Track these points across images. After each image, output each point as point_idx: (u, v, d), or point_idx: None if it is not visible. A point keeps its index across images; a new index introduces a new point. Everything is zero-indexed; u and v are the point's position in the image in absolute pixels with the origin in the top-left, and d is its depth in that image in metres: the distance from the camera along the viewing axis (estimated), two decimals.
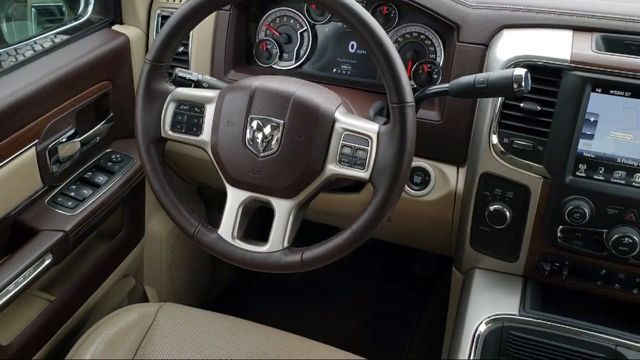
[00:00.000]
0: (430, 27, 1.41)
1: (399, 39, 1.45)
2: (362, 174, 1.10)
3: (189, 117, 1.20)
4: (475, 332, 1.24)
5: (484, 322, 1.25)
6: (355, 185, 1.44)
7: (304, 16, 1.52)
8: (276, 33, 1.55)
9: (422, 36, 1.44)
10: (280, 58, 1.56)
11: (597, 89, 1.14)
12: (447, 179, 1.38)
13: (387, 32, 1.44)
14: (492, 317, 1.26)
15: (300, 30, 1.53)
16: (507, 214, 1.27)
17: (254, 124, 1.13)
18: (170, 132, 1.21)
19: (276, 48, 1.55)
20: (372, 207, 1.09)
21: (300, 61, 1.54)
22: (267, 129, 1.12)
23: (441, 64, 1.41)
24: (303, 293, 2.29)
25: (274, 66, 1.56)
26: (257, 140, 1.13)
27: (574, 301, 1.34)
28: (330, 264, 1.14)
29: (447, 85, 1.17)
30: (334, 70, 1.53)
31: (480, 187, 1.29)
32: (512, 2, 1.31)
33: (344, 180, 1.19)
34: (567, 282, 1.30)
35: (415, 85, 1.43)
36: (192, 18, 1.14)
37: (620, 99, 1.14)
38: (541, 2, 1.30)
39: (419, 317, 2.15)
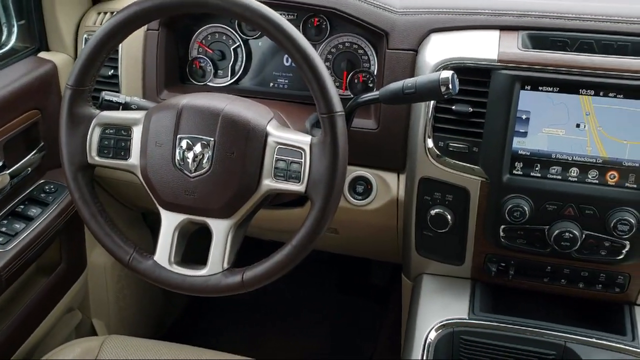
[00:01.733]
0: (362, 36, 1.41)
1: (332, 50, 1.44)
2: (298, 187, 1.08)
3: (116, 141, 1.16)
4: (426, 339, 1.22)
5: (434, 329, 1.23)
6: (299, 199, 1.42)
7: (236, 32, 1.50)
8: (209, 50, 1.52)
9: (355, 46, 1.43)
10: (215, 75, 1.53)
11: (526, 87, 1.15)
12: (389, 186, 1.37)
13: (320, 44, 1.44)
14: (442, 323, 1.25)
15: (233, 46, 1.51)
16: (449, 217, 1.27)
17: (183, 143, 1.10)
18: (97, 158, 1.17)
19: (210, 65, 1.52)
20: (310, 220, 1.06)
21: (236, 77, 1.51)
22: (197, 148, 1.09)
23: (375, 72, 1.40)
24: (263, 313, 2.25)
25: (209, 84, 1.53)
26: (188, 160, 1.10)
27: (524, 300, 1.34)
28: (288, 281, 1.11)
29: (377, 93, 1.16)
30: (271, 84, 1.51)
31: (420, 192, 1.28)
32: (438, 5, 1.31)
33: (285, 195, 1.17)
34: (515, 281, 1.30)
35: (352, 95, 1.42)
36: (109, 41, 1.11)
37: (549, 95, 1.15)
38: (467, 3, 1.30)
39: (379, 327, 2.13)
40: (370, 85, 1.41)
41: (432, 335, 1.23)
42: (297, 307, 2.26)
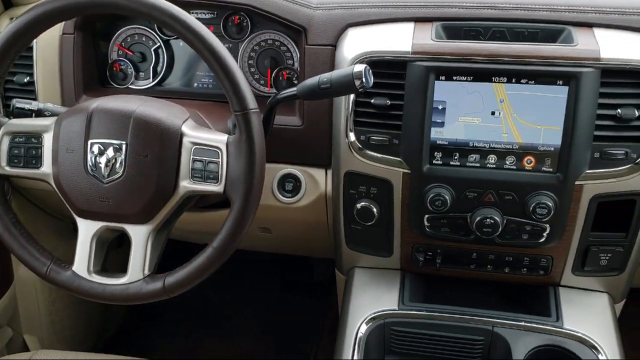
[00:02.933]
0: (284, 33, 1.40)
1: (255, 48, 1.43)
2: (216, 187, 1.06)
3: (27, 149, 1.12)
4: (357, 333, 1.22)
5: (364, 323, 1.24)
6: (225, 200, 1.40)
7: (155, 32, 1.47)
8: (129, 52, 1.48)
9: (277, 43, 1.42)
10: (137, 77, 1.49)
11: (440, 77, 1.16)
12: (317, 182, 1.37)
13: (242, 42, 1.42)
14: (373, 316, 1.25)
15: (154, 47, 1.48)
16: (375, 209, 1.27)
17: (95, 148, 1.07)
18: (7, 168, 1.13)
19: (131, 68, 1.48)
20: (230, 221, 1.05)
21: (159, 78, 1.48)
22: (110, 152, 1.06)
23: (298, 68, 1.39)
24: (205, 318, 2.22)
25: (131, 86, 1.49)
26: (100, 165, 1.07)
27: (453, 288, 1.36)
28: (230, 284, 1.10)
29: (295, 89, 1.16)
30: (195, 84, 1.48)
31: (345, 186, 1.29)
32: (355, 0, 1.31)
33: (210, 196, 1.15)
34: (443, 269, 1.32)
35: (277, 92, 1.41)
36: (11, 47, 1.07)
37: (464, 84, 1.16)
38: None
39: (322, 324, 2.13)
40: (295, 81, 1.40)
41: (363, 328, 1.23)
42: (240, 309, 2.24)
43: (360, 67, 1.06)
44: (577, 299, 1.28)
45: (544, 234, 1.20)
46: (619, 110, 1.12)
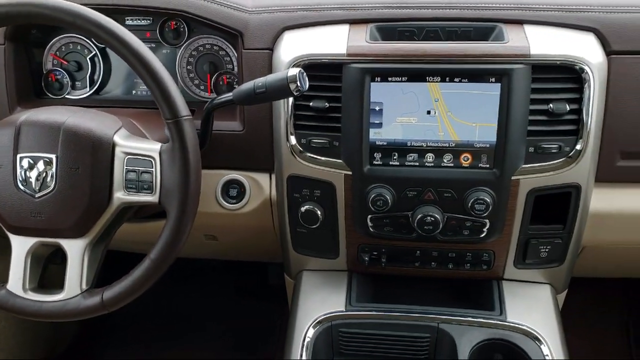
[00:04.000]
0: (222, 37, 1.39)
1: (193, 53, 1.41)
2: (151, 198, 1.04)
3: None
4: (304, 337, 1.22)
5: (311, 326, 1.24)
6: None
7: (91, 41, 1.43)
8: (64, 62, 1.45)
9: (215, 47, 1.40)
10: (74, 87, 1.46)
11: (376, 78, 1.16)
12: (262, 187, 1.36)
13: (179, 47, 1.41)
14: (320, 319, 1.25)
15: (90, 56, 1.44)
16: (319, 212, 1.27)
17: (24, 162, 1.04)
18: None
19: (67, 77, 1.45)
20: (167, 231, 1.03)
21: (96, 87, 1.45)
22: (40, 166, 1.03)
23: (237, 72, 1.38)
24: (162, 327, 2.19)
25: (68, 96, 1.46)
26: (31, 180, 1.04)
27: (400, 287, 1.37)
28: (184, 291, 1.08)
29: (230, 94, 1.15)
30: (134, 92, 1.46)
31: (289, 190, 1.28)
32: (291, 3, 1.30)
33: (149, 206, 1.13)
34: (388, 268, 1.32)
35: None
36: None
37: (399, 85, 1.17)
38: (318, 0, 1.31)
39: (279, 328, 2.12)
40: (236, 86, 1.39)
41: (310, 332, 1.23)
42: (197, 317, 2.21)
43: (294, 71, 1.06)
44: (521, 291, 1.31)
45: (484, 229, 1.22)
46: (550, 105, 1.15)
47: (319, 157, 1.23)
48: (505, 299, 1.28)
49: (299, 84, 1.06)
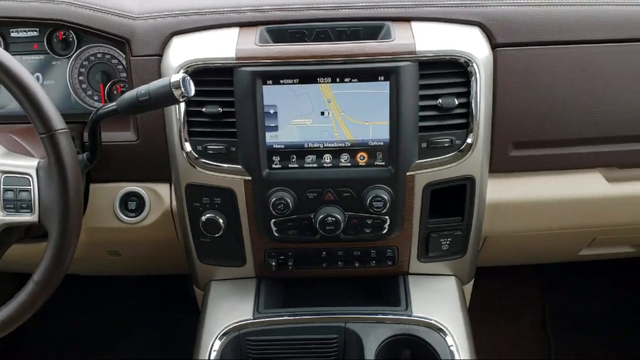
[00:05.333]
0: (112, 45, 1.34)
1: (84, 63, 1.36)
2: (30, 217, 0.99)
3: None
4: (210, 350, 1.19)
5: (218, 338, 1.21)
6: None
7: None
8: None
9: (107, 56, 1.35)
10: None
11: (268, 81, 1.15)
12: (161, 198, 1.32)
13: (69, 58, 1.35)
14: (227, 329, 1.22)
15: None
16: (221, 220, 1.24)
17: None
18: None
19: None
20: (49, 252, 0.98)
21: None
22: None
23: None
24: (81, 344, 2.10)
25: None
26: None
27: (310, 289, 1.36)
28: (104, 308, 1.02)
29: (114, 104, 1.11)
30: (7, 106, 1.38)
31: (188, 199, 1.25)
32: (178, 7, 1.27)
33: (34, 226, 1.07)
34: (296, 271, 1.32)
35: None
36: None
37: (291, 87, 1.16)
38: (208, 3, 1.28)
39: None
40: None
41: (217, 344, 1.20)
42: (115, 333, 2.13)
43: (177, 77, 1.03)
44: (426, 285, 1.33)
45: (385, 226, 1.23)
46: (439, 101, 1.17)
47: (216, 164, 1.20)
48: (411, 293, 1.30)
49: (183, 90, 1.03)
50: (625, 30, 1.23)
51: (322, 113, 1.17)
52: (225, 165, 1.20)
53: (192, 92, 1.05)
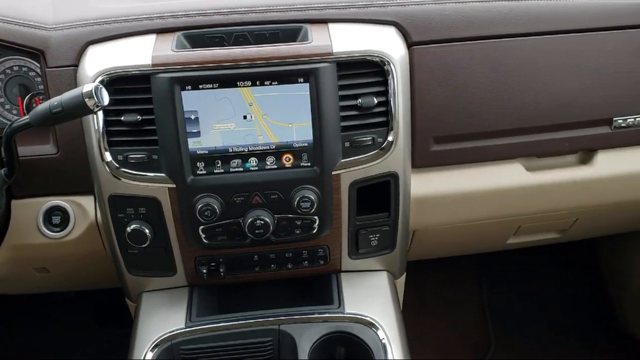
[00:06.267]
0: (28, 58, 1.30)
1: (0, 77, 1.31)
2: None
3: None
4: None
5: (150, 350, 1.19)
6: None
7: None
8: None
9: (24, 68, 1.31)
10: None
11: (186, 87, 1.14)
12: (86, 211, 1.29)
13: None
14: (159, 340, 1.21)
15: None
16: (147, 230, 1.23)
17: None
18: None
19: None
20: None
21: None
22: None
23: None
24: None
25: None
26: None
27: (245, 294, 1.36)
28: (39, 329, 0.98)
29: (28, 117, 1.08)
30: None
31: (112, 211, 1.23)
32: (93, 16, 1.25)
33: None
34: (229, 277, 1.31)
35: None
36: None
37: (211, 92, 1.15)
38: (123, 11, 1.26)
39: None
40: None
41: (149, 355, 1.18)
42: (55, 354, 2.07)
43: (89, 87, 1.01)
44: (358, 281, 1.34)
45: (315, 226, 1.24)
46: (359, 100, 1.18)
47: (138, 173, 1.19)
48: (343, 290, 1.31)
49: (96, 100, 1.01)
50: (534, 24, 1.28)
51: (245, 117, 1.17)
52: (148, 174, 1.19)
53: (106, 102, 1.03)
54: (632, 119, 1.36)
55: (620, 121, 1.35)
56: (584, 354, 2.11)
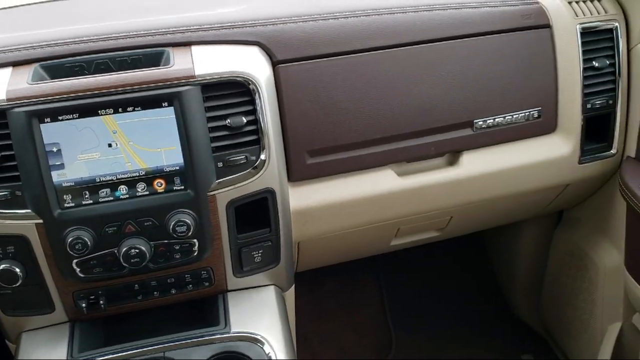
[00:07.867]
0: None
1: None
2: None
3: None
4: None
5: None
6: None
7: None
8: None
9: None
10: None
11: (45, 120, 1.11)
12: None
13: None
14: None
15: None
16: (18, 269, 1.18)
17: None
18: None
19: None
20: None
21: None
22: None
23: None
24: None
25: None
26: None
27: (129, 324, 1.33)
28: None
29: None
30: None
31: None
32: None
33: None
34: (111, 309, 1.28)
35: None
36: None
37: (72, 122, 1.12)
38: None
39: None
40: None
41: None
42: None
43: None
44: (246, 298, 1.35)
45: (195, 249, 1.24)
46: (228, 121, 1.19)
47: (2, 211, 1.14)
48: (229, 310, 1.31)
49: None
50: (391, 37, 1.35)
51: (110, 145, 1.15)
52: (12, 211, 1.14)
53: None
54: (491, 120, 1.45)
55: (481, 123, 1.44)
56: (480, 342, 2.22)
